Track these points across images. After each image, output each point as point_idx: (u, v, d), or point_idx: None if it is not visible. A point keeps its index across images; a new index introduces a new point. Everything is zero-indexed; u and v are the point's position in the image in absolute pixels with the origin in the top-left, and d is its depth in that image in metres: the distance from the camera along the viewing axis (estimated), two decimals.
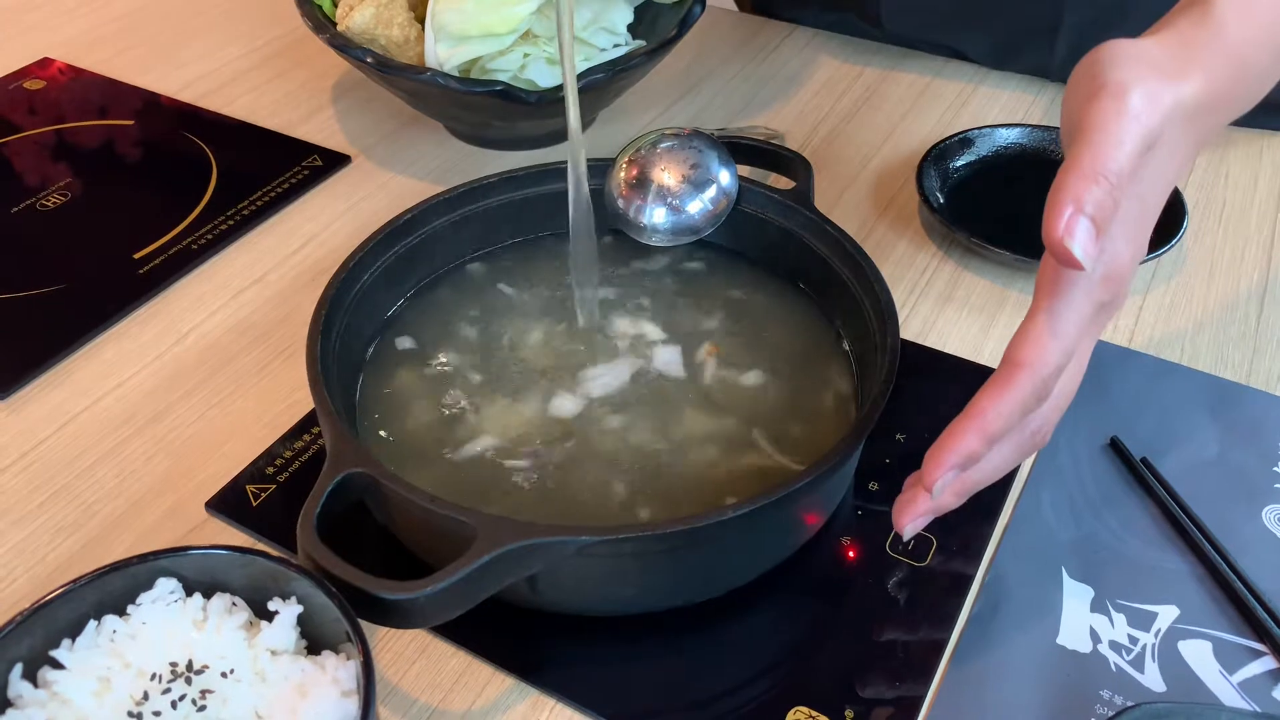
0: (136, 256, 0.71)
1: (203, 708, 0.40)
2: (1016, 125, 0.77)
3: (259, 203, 0.76)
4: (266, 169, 0.79)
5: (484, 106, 0.72)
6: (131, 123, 0.85)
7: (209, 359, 0.65)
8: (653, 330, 0.60)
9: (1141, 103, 0.44)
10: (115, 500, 0.56)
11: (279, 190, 0.77)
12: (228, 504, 0.55)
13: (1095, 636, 0.50)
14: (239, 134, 0.83)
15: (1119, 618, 0.51)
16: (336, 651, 0.43)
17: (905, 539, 0.52)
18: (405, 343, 0.59)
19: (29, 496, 0.57)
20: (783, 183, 0.65)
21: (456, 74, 0.71)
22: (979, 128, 0.77)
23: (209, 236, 0.73)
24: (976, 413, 0.44)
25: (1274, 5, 0.49)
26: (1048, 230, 0.42)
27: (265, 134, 0.83)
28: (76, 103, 0.87)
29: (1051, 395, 0.46)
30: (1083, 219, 0.42)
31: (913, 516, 0.47)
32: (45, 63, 0.92)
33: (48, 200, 0.76)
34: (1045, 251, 0.44)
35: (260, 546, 0.53)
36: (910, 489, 0.48)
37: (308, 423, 0.60)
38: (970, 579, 0.52)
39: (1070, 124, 0.46)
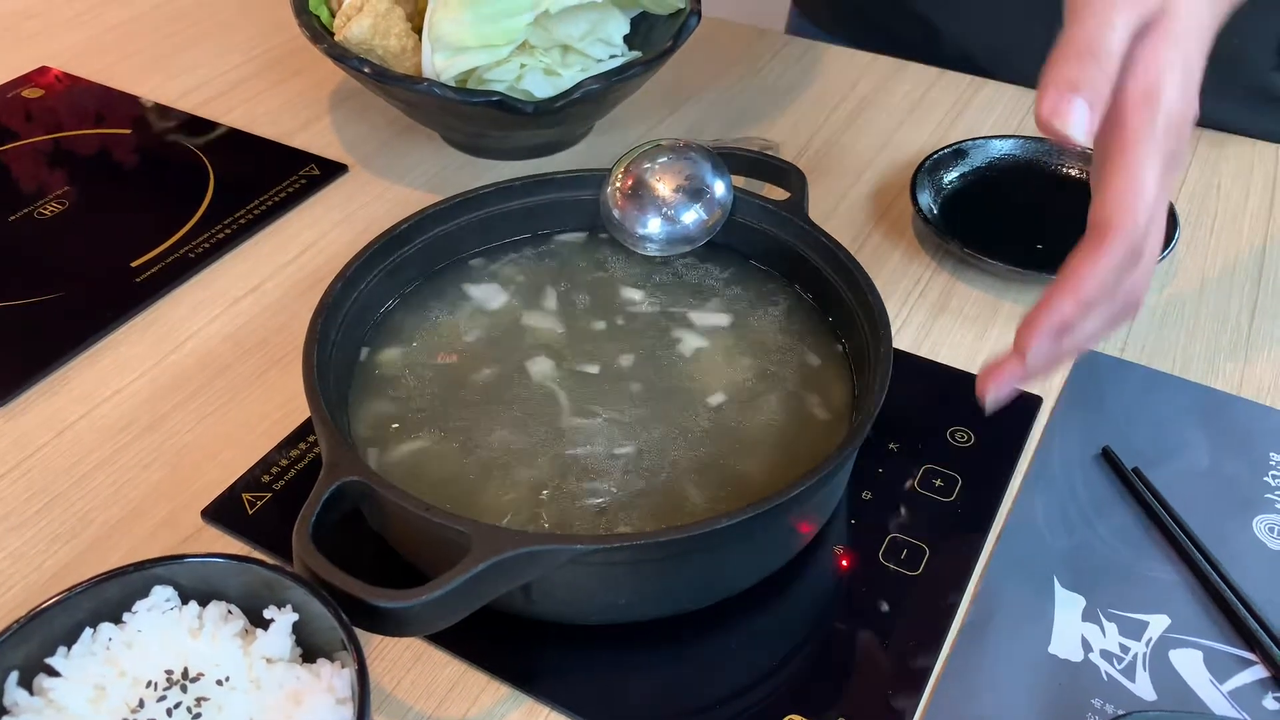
0: (134, 265, 0.71)
1: (198, 715, 0.40)
2: (1010, 137, 0.78)
3: (256, 211, 0.76)
4: (263, 177, 0.79)
5: (480, 117, 0.72)
6: (129, 131, 0.85)
7: (206, 367, 0.65)
8: (651, 329, 0.61)
9: None
10: (111, 508, 0.56)
11: (276, 199, 0.77)
12: (224, 512, 0.56)
13: (1087, 645, 0.50)
14: (236, 142, 0.84)
15: (1110, 627, 0.51)
16: (331, 659, 0.43)
17: (987, 410, 0.49)
18: (402, 350, 0.60)
19: (25, 504, 0.57)
20: (777, 194, 0.65)
21: (453, 84, 0.72)
22: (973, 139, 0.78)
23: (206, 245, 0.73)
24: (1071, 278, 0.44)
25: None
26: (1038, 111, 0.43)
27: (262, 143, 0.83)
28: (74, 111, 0.87)
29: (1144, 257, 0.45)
30: (1077, 99, 0.43)
31: (998, 380, 0.47)
32: (43, 71, 0.92)
33: (45, 208, 0.76)
34: (1102, 126, 0.44)
35: (256, 555, 0.53)
36: (994, 363, 0.48)
37: (304, 431, 0.60)
38: (963, 588, 0.52)
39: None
